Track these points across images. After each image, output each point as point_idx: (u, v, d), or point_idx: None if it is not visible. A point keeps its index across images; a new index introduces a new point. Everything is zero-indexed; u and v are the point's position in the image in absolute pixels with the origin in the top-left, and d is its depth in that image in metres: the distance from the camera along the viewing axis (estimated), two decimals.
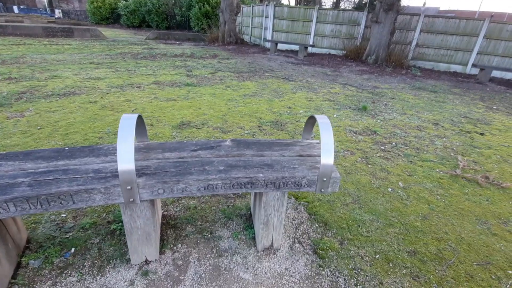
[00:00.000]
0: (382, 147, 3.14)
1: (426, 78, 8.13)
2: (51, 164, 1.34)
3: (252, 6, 13.15)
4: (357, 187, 2.33)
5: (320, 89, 5.67)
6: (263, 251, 1.63)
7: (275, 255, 1.61)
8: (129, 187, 1.21)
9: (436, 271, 1.59)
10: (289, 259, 1.59)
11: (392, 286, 1.47)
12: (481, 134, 3.96)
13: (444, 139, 3.60)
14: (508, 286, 1.54)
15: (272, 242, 1.63)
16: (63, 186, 1.17)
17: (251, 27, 13.45)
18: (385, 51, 9.18)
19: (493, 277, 1.59)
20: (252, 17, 13.35)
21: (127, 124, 1.19)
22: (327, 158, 1.34)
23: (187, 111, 3.80)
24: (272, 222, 1.55)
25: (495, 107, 5.61)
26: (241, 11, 14.05)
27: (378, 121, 4.04)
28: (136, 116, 1.26)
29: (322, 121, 1.41)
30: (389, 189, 2.35)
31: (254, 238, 1.71)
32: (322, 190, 1.43)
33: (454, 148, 3.32)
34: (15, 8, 31.54)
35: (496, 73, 9.29)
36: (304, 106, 4.43)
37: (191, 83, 5.28)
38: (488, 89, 7.54)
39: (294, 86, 5.74)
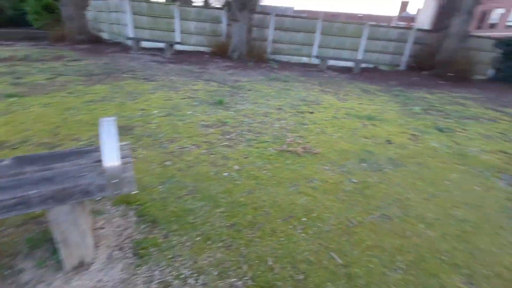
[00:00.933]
0: (228, 136, 3.44)
1: (282, 70, 9.37)
2: None
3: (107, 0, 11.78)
4: (195, 178, 2.47)
5: (182, 87, 5.69)
6: (73, 270, 1.51)
7: (87, 270, 1.52)
8: None
9: (247, 235, 1.87)
10: (103, 270, 1.53)
11: (205, 261, 1.63)
12: (311, 113, 4.90)
13: (283, 121, 4.26)
14: (299, 231, 1.98)
15: (82, 259, 1.53)
16: None
17: (109, 24, 12.08)
18: (246, 47, 10.03)
19: (291, 227, 2.01)
20: (109, 12, 11.99)
21: None
22: (110, 161, 1.34)
23: (3, 129, 3.08)
24: (72, 238, 1.44)
25: (327, 90, 7.03)
26: (92, 5, 12.39)
27: (231, 112, 4.40)
28: None
29: (104, 123, 1.39)
30: (225, 174, 2.60)
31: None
32: (118, 192, 1.43)
33: (288, 128, 3.98)
34: None
35: (332, 62, 11.62)
36: (161, 106, 4.34)
37: (15, 93, 4.30)
38: (326, 75, 9.36)
39: (154, 86, 5.54)
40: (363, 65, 11.72)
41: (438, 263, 1.84)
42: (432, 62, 10.67)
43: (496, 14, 26.17)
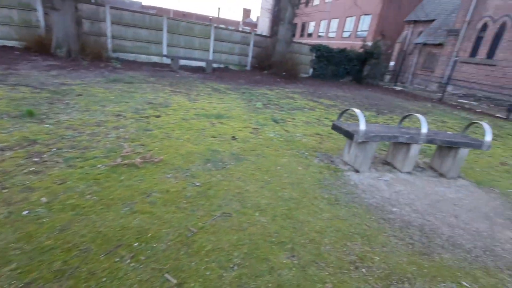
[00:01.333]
0: (37, 159, 2.65)
1: (126, 70, 8.39)
2: None
3: None
4: None
5: None
6: None
7: None
8: None
9: None
10: None
11: None
12: (158, 116, 4.56)
13: (121, 129, 3.73)
14: (128, 261, 1.70)
15: None
16: None
17: None
18: (77, 42, 8.35)
19: (117, 259, 1.69)
20: None
21: None
22: None
23: None
24: None
25: (178, 90, 6.81)
26: None
27: (47, 125, 3.45)
28: None
29: None
30: (25, 213, 1.94)
31: None
32: None
33: (127, 137, 3.51)
34: None
35: (184, 62, 11.47)
36: None
37: None
38: (178, 75, 9.12)
39: None
40: (215, 65, 12.30)
41: (268, 246, 2.02)
42: (270, 63, 12.46)
43: (311, 26, 33.77)
